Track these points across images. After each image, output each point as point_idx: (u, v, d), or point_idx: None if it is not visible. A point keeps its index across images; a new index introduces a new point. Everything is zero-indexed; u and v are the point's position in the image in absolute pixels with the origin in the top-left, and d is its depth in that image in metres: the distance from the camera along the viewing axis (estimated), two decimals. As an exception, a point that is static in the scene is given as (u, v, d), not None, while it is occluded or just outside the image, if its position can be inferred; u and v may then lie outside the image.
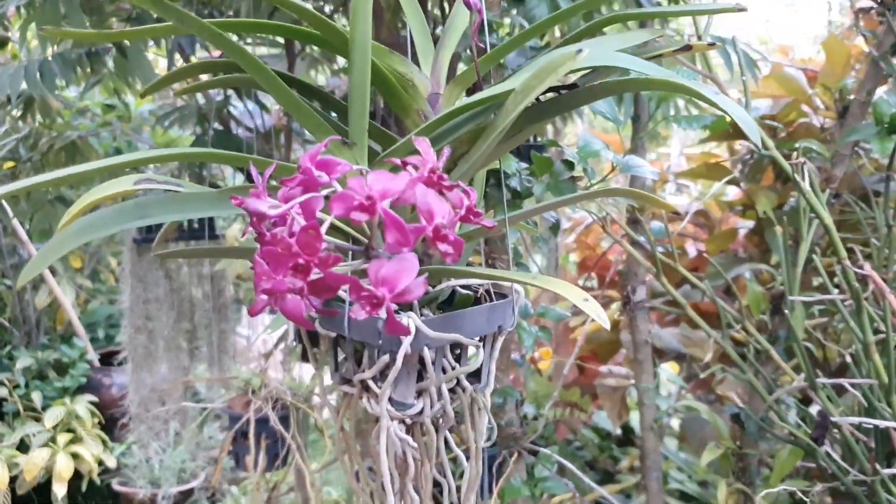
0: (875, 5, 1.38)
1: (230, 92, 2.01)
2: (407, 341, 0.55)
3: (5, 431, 3.69)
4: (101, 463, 3.56)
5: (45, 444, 3.57)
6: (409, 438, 0.60)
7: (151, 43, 1.98)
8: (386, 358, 0.59)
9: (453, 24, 0.63)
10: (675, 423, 2.70)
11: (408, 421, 0.61)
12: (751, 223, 2.31)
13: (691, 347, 2.26)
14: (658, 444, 1.79)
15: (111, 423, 3.93)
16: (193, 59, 2.18)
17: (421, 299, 0.62)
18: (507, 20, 1.13)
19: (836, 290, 1.19)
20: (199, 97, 2.22)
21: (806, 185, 1.04)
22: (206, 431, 3.48)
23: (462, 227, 0.65)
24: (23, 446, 3.59)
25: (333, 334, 0.63)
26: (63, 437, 3.59)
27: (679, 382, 2.99)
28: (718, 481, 1.70)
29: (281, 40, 1.97)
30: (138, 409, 2.47)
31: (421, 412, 0.60)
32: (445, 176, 0.44)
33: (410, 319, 0.54)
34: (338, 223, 0.45)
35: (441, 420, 0.63)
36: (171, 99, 3.32)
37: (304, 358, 2.12)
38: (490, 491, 1.30)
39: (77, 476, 3.47)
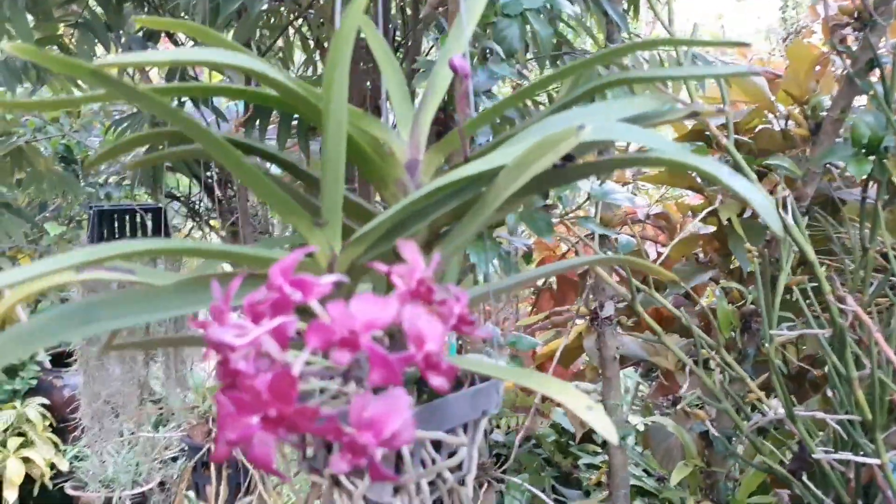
0: (852, 21, 1.35)
1: (185, 98, 1.93)
2: (385, 440, 0.50)
3: (-47, 436, 3.59)
4: (53, 467, 3.48)
5: (-6, 448, 3.48)
6: (387, 540, 0.55)
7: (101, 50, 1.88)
8: (362, 452, 0.54)
9: (434, 86, 0.58)
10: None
11: (384, 521, 0.56)
12: (712, 228, 2.29)
13: (655, 356, 2.24)
14: (626, 460, 1.76)
15: (64, 426, 3.83)
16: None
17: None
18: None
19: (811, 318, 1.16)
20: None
21: (790, 220, 1.01)
22: (161, 432, 3.41)
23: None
24: (-29, 451, 3.49)
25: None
26: (13, 441, 3.50)
27: (636, 378, 2.98)
28: (686, 498, 1.69)
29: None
30: (91, 421, 2.39)
31: (399, 510, 0.55)
32: (434, 287, 0.39)
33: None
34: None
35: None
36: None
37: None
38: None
39: (28, 480, 3.39)
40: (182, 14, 1.61)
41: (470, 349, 1.25)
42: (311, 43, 2.15)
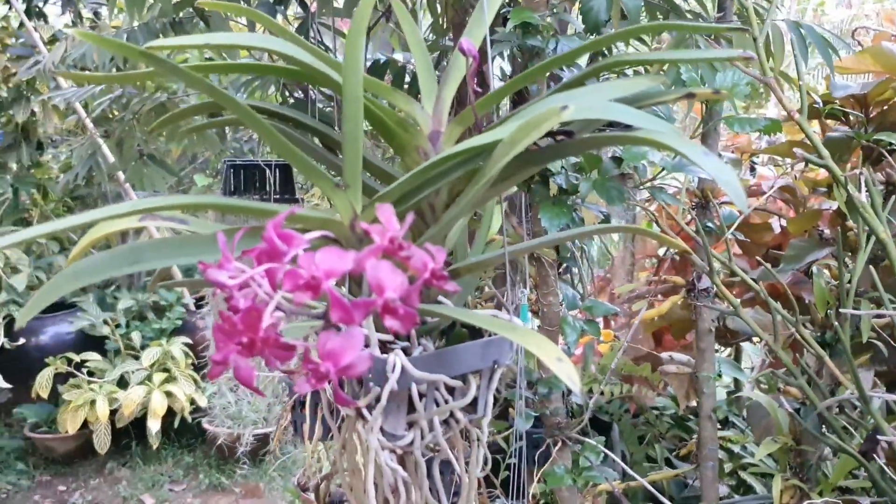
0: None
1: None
2: (393, 379, 0.57)
3: (107, 368, 3.90)
4: (192, 402, 3.75)
5: (142, 381, 3.76)
6: (400, 469, 0.62)
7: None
8: (378, 389, 0.61)
9: (455, 63, 0.63)
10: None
11: (398, 451, 0.63)
12: (835, 204, 2.22)
13: (765, 330, 2.21)
14: (716, 433, 1.77)
15: (203, 363, 4.10)
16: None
17: (420, 329, 0.64)
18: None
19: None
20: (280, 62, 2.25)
21: (862, 197, 1.00)
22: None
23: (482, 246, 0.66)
24: (122, 382, 3.79)
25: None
26: (158, 376, 3.78)
27: (760, 355, 2.93)
28: (774, 475, 1.68)
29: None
30: (219, 361, 2.57)
31: (412, 443, 0.62)
32: (406, 244, 0.45)
33: (397, 358, 0.56)
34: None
35: (435, 449, 0.65)
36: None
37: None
38: (530, 478, 1.32)
39: (170, 413, 3.66)
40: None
41: (546, 311, 1.30)
42: (439, 6, 2.20)
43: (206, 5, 0.58)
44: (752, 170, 3.05)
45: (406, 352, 0.60)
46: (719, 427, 2.78)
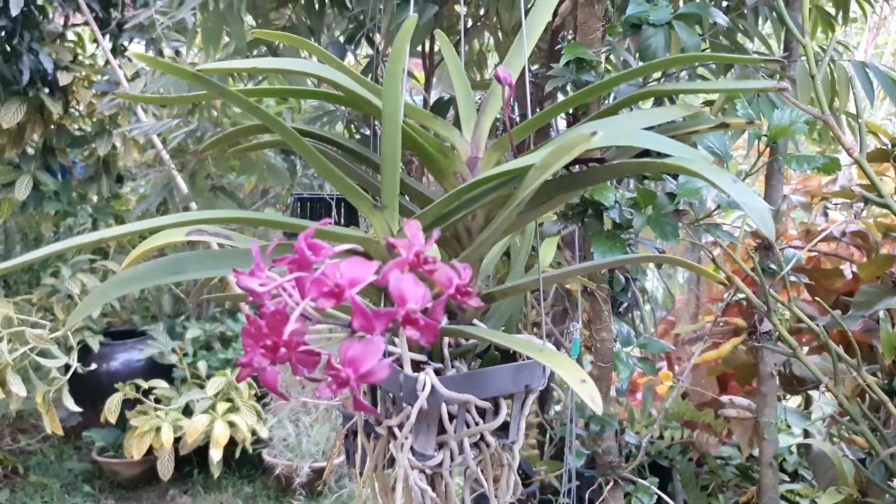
0: None
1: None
2: (423, 397, 0.58)
3: (173, 395, 3.97)
4: (254, 433, 3.79)
5: (206, 410, 3.82)
6: (429, 489, 0.63)
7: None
8: (410, 408, 0.61)
9: (494, 92, 0.65)
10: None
11: (428, 471, 0.64)
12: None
13: (832, 378, 2.14)
14: (777, 481, 1.72)
15: (265, 394, 4.14)
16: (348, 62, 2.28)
17: (454, 351, 0.65)
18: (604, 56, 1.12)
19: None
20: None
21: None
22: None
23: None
24: (187, 411, 3.85)
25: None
26: (222, 406, 3.83)
27: (833, 407, 2.84)
28: (838, 528, 1.62)
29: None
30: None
31: (441, 464, 0.63)
32: (431, 258, 0.46)
33: (427, 377, 0.57)
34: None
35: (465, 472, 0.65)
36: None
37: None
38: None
39: (232, 443, 3.70)
40: (369, 19, 1.76)
41: (599, 347, 1.29)
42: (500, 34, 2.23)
43: (262, 34, 0.61)
44: (826, 215, 2.98)
45: (439, 373, 0.61)
46: (788, 480, 2.69)
